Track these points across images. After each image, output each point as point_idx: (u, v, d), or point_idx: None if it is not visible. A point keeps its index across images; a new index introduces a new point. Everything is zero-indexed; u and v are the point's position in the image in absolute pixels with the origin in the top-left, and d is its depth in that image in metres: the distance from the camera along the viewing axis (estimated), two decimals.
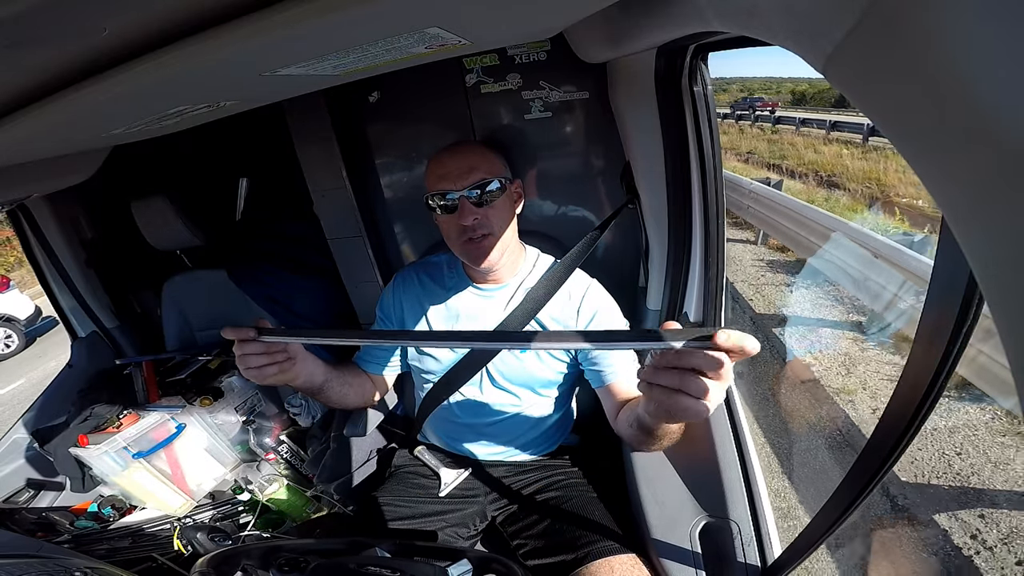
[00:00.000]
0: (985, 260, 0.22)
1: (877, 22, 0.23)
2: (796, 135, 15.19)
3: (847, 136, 13.10)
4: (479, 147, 0.97)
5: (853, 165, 9.49)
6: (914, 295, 3.29)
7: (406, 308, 1.08)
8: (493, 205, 0.93)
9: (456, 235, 0.94)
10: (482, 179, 0.91)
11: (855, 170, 9.17)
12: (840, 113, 18.89)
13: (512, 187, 0.98)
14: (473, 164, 0.92)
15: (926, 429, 2.49)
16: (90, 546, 1.31)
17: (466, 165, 0.92)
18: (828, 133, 14.24)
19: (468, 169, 0.91)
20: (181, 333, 1.76)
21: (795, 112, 20.79)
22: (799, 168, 10.75)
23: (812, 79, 25.76)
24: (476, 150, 0.95)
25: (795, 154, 11.93)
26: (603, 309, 1.01)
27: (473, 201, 0.91)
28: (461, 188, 0.90)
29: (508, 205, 0.97)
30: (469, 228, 0.92)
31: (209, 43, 0.37)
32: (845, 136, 13.18)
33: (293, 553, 0.74)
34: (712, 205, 0.99)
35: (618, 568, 0.84)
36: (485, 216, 0.92)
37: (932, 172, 0.24)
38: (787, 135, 15.60)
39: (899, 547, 2.07)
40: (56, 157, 0.85)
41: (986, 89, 0.18)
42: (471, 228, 0.92)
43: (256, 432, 1.55)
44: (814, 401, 3.02)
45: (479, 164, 0.92)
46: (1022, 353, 0.21)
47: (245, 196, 1.94)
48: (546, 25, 0.67)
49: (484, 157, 0.94)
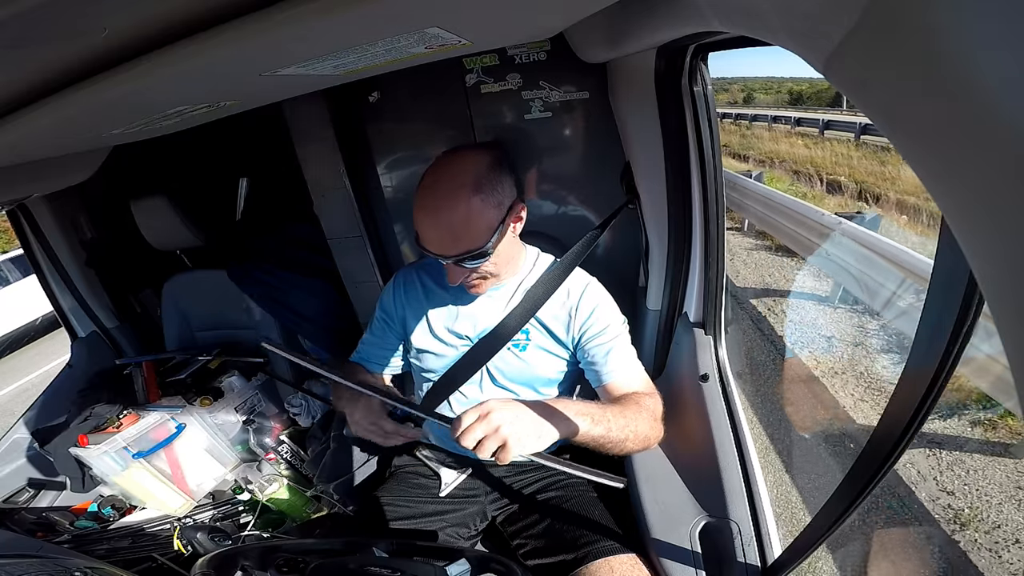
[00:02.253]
0: (985, 260, 0.22)
1: (877, 22, 0.23)
2: (766, 130, 17.30)
3: (806, 130, 15.61)
4: (464, 206, 0.83)
5: (804, 153, 11.81)
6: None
7: (407, 307, 1.08)
8: (485, 261, 0.90)
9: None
10: (466, 251, 0.86)
11: (803, 157, 11.38)
12: (804, 110, 21.91)
13: (511, 216, 0.90)
14: (458, 234, 0.84)
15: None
16: (90, 546, 1.31)
17: (450, 235, 0.85)
18: (792, 128, 16.20)
19: (453, 241, 0.85)
20: (181, 333, 1.76)
21: (767, 111, 23.23)
22: (759, 156, 12.78)
23: (813, 79, 26.10)
24: (461, 215, 0.83)
25: (758, 146, 14.23)
26: (601, 305, 1.00)
27: (462, 264, 0.89)
28: (448, 256, 0.87)
29: (504, 243, 0.91)
30: (461, 282, 0.94)
31: (209, 43, 0.37)
32: (804, 130, 15.72)
33: (292, 553, 0.74)
34: (712, 205, 0.99)
35: (618, 568, 0.83)
36: (476, 270, 0.91)
37: (932, 172, 0.24)
38: (758, 130, 17.78)
39: (899, 547, 2.07)
40: (56, 157, 0.85)
41: (988, 89, 0.18)
42: (463, 282, 0.94)
43: (256, 432, 1.55)
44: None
45: (464, 234, 0.85)
46: (1022, 353, 0.21)
47: (245, 196, 1.94)
48: (546, 25, 0.67)
49: (470, 222, 0.84)
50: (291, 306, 1.58)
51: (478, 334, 1.03)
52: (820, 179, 9.07)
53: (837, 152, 10.95)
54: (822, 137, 13.43)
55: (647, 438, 0.87)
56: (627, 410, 0.86)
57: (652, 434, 0.89)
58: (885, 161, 9.01)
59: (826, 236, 4.13)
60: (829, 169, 9.74)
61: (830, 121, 14.20)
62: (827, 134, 13.57)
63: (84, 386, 1.63)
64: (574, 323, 1.00)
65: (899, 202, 6.87)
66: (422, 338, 1.06)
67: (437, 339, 1.05)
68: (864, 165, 9.53)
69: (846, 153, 10.72)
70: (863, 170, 9.20)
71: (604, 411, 0.83)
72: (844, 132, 12.77)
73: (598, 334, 0.98)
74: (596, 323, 0.99)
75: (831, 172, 9.43)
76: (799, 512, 2.19)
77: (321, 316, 1.61)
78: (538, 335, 1.02)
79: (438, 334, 1.05)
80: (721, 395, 1.00)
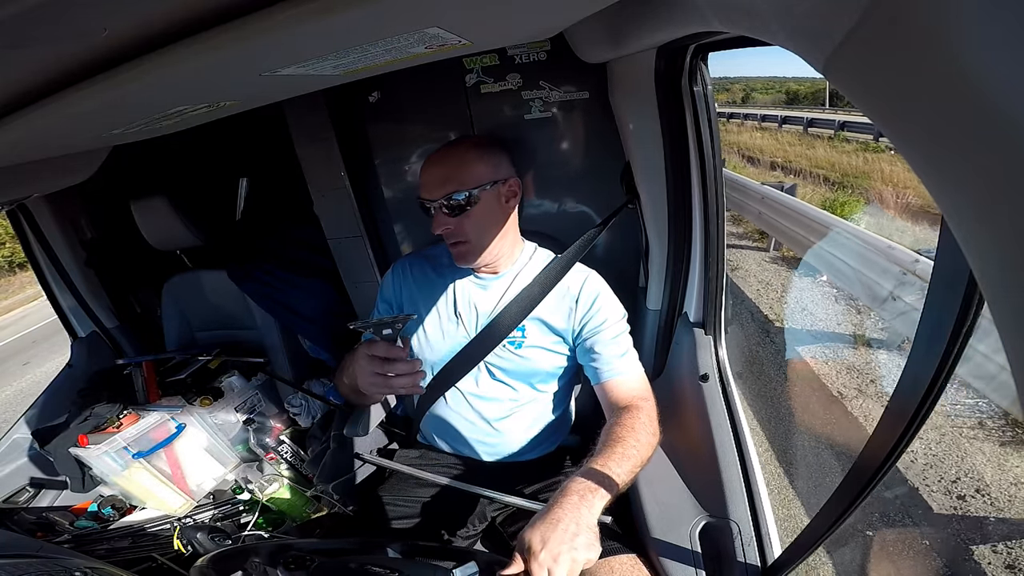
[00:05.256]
0: (985, 260, 0.22)
1: (878, 22, 0.23)
2: (739, 126, 20.92)
3: (769, 124, 19.11)
4: (463, 152, 0.94)
5: (764, 143, 15.34)
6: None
7: (405, 294, 1.10)
8: (468, 214, 0.92)
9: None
10: (454, 191, 0.90)
11: (766, 146, 14.75)
12: (785, 109, 26.93)
13: (503, 187, 0.96)
14: (448, 175, 0.91)
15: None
16: (90, 546, 1.30)
17: (442, 175, 0.91)
18: (760, 123, 19.95)
19: (443, 180, 0.91)
20: (181, 333, 1.76)
21: (745, 109, 27.20)
22: (726, 146, 15.71)
23: (814, 79, 26.78)
24: (456, 157, 0.93)
25: (727, 139, 17.23)
26: (602, 296, 1.02)
27: (446, 211, 0.92)
28: (435, 198, 0.92)
29: (490, 209, 0.95)
30: (442, 235, 0.95)
31: (209, 43, 0.37)
32: (767, 125, 19.29)
33: (302, 552, 0.73)
34: (712, 205, 0.99)
35: (618, 568, 0.83)
36: (459, 224, 0.93)
37: (933, 172, 0.24)
38: (732, 126, 21.31)
39: (899, 547, 2.07)
40: (56, 157, 0.85)
41: (989, 89, 0.18)
42: (445, 235, 0.95)
43: (256, 432, 1.55)
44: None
45: (454, 175, 0.91)
46: (1022, 353, 0.21)
47: (245, 196, 1.94)
48: (546, 25, 0.67)
49: (463, 166, 0.92)
50: (291, 306, 1.58)
51: (475, 322, 1.03)
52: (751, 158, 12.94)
53: (781, 140, 14.90)
54: (780, 129, 17.62)
55: (650, 452, 0.86)
56: (627, 448, 0.82)
57: (654, 441, 0.88)
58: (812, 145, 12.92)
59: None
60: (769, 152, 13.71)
61: (787, 117, 18.46)
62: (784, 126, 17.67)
63: (84, 386, 1.63)
64: (575, 315, 1.01)
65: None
66: (420, 324, 1.07)
67: (435, 326, 1.06)
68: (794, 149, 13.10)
69: (787, 142, 14.61)
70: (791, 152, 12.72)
71: (609, 472, 0.78)
72: (794, 126, 17.03)
73: (599, 326, 0.98)
74: (597, 315, 0.99)
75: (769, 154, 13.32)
76: (799, 512, 2.19)
77: (321, 316, 1.61)
78: (535, 331, 1.02)
79: (436, 320, 1.06)
80: (721, 395, 1.00)
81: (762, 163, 12.56)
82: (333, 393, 1.62)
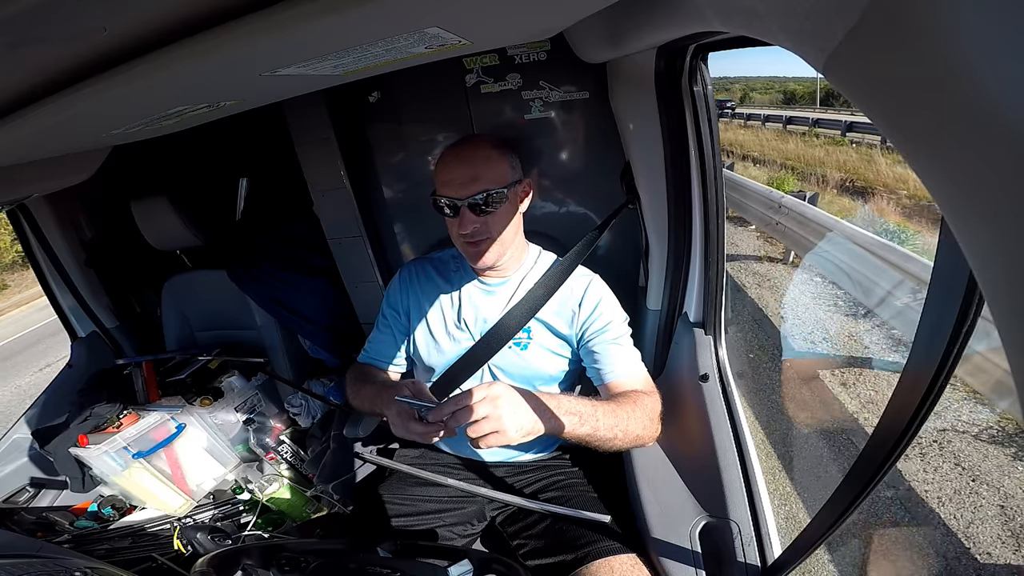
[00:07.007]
0: (985, 260, 0.22)
1: (877, 21, 0.23)
2: (725, 124, 22.32)
3: (756, 123, 20.78)
4: (486, 150, 0.95)
5: (745, 139, 17.03)
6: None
7: (412, 299, 1.10)
8: (495, 213, 0.94)
9: (458, 236, 0.97)
10: (485, 189, 0.91)
11: (747, 142, 16.51)
12: (768, 108, 28.80)
13: (520, 188, 0.98)
14: (477, 173, 0.92)
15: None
16: (90, 546, 1.30)
17: (470, 174, 0.92)
18: (745, 121, 21.59)
19: (472, 179, 0.91)
20: (181, 333, 1.76)
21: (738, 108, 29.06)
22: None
23: (814, 80, 27.24)
24: (482, 155, 0.94)
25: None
26: (604, 300, 1.02)
27: (475, 210, 0.92)
28: (464, 197, 0.91)
29: (511, 208, 0.97)
30: (468, 233, 0.94)
31: (209, 43, 0.37)
32: (754, 123, 20.96)
33: (295, 553, 0.74)
34: (712, 205, 0.99)
35: (618, 568, 0.83)
36: (485, 223, 0.94)
37: (933, 172, 0.24)
38: (720, 124, 24.28)
39: (899, 547, 2.07)
40: (56, 157, 0.85)
41: (989, 88, 0.18)
42: (471, 233, 0.94)
43: (256, 432, 1.55)
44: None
45: (483, 174, 0.92)
46: (1022, 353, 0.21)
47: (245, 196, 1.94)
48: (546, 25, 0.67)
49: (488, 164, 0.93)
50: (291, 306, 1.58)
51: (480, 328, 1.04)
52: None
53: (761, 138, 16.38)
54: (763, 127, 19.49)
55: (639, 437, 0.89)
56: (620, 409, 0.88)
57: (645, 433, 0.90)
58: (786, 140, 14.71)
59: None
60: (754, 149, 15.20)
61: (769, 115, 20.31)
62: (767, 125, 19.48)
63: (84, 386, 1.63)
64: (577, 318, 1.01)
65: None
66: (426, 330, 1.08)
67: (441, 331, 1.06)
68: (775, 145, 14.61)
69: (766, 138, 16.25)
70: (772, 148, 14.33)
71: (595, 410, 0.85)
72: (775, 124, 18.68)
73: (601, 330, 0.99)
74: (599, 319, 1.00)
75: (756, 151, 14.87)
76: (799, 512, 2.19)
77: (321, 316, 1.61)
78: (540, 333, 1.02)
79: (442, 326, 1.07)
80: (721, 395, 1.00)
81: (735, 155, 14.45)
82: (333, 393, 1.62)
